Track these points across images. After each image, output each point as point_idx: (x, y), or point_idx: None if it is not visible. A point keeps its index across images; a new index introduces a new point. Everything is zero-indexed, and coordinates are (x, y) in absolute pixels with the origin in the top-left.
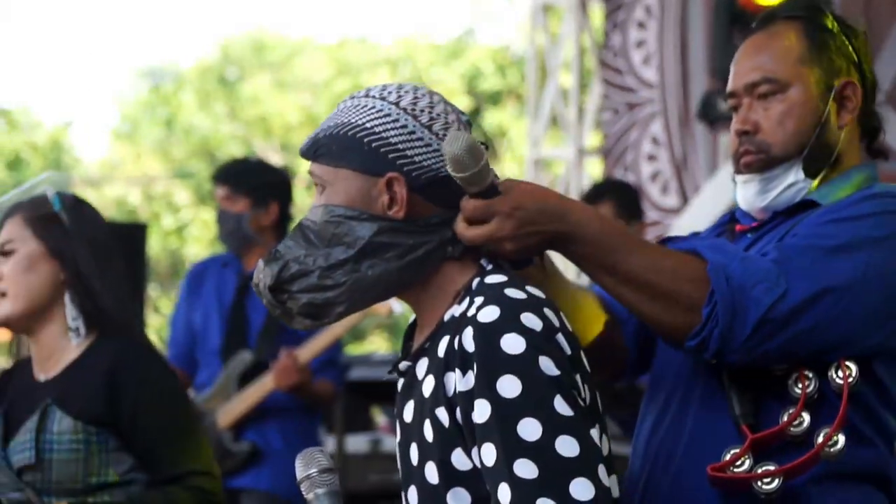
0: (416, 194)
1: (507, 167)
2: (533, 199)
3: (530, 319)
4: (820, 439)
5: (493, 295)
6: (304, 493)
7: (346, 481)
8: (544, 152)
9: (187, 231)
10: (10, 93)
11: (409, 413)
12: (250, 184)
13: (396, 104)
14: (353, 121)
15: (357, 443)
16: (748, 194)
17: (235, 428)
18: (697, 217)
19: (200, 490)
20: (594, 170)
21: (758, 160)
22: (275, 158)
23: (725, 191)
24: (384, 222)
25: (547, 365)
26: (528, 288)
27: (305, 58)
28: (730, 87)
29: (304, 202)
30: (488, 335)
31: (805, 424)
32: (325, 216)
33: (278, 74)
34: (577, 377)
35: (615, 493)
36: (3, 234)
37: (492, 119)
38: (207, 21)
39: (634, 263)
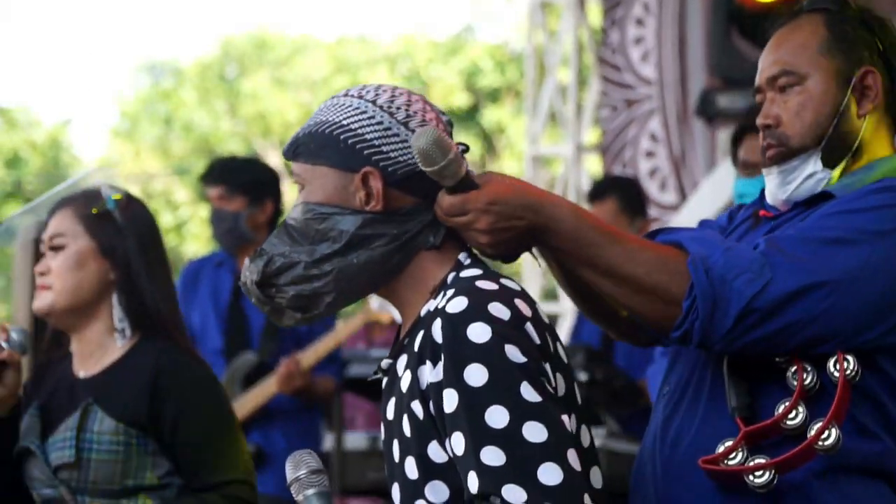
0: (392, 189)
1: (506, 164)
2: (509, 192)
3: (498, 309)
4: (812, 432)
5: (464, 287)
6: (293, 494)
7: (345, 478)
8: (543, 149)
9: (186, 228)
10: (9, 91)
11: (390, 410)
12: (246, 182)
13: (373, 102)
14: (330, 119)
15: (355, 440)
16: (771, 187)
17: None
18: (696, 213)
19: (237, 499)
20: (593, 166)
21: (779, 153)
22: (273, 156)
23: (724, 187)
24: (364, 215)
25: (513, 353)
26: (503, 280)
27: (305, 55)
28: (756, 82)
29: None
30: (455, 325)
31: (800, 417)
32: (305, 213)
33: (278, 72)
34: (547, 366)
35: (596, 483)
36: (52, 226)
37: (490, 116)
38: (207, 19)
39: (613, 257)
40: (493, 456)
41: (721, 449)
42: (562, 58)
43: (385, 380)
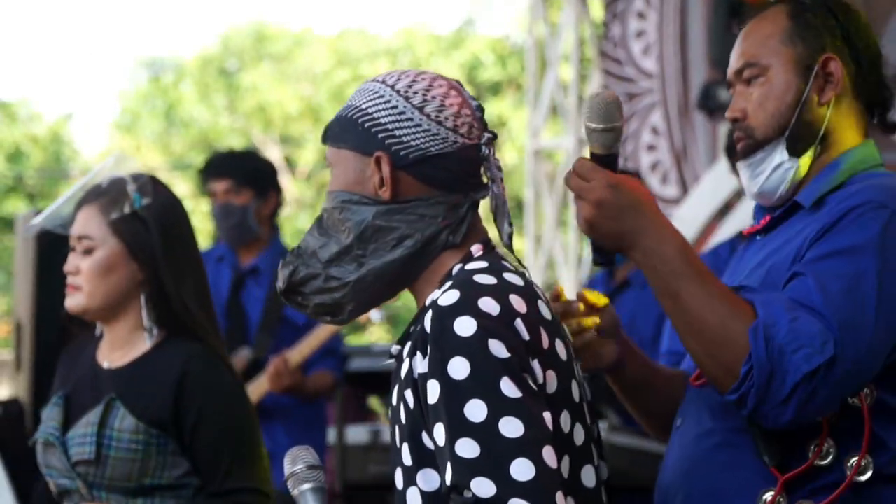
0: (403, 172)
1: (508, 157)
2: (635, 190)
3: (487, 303)
4: (849, 470)
5: (460, 280)
6: (290, 489)
7: (346, 472)
8: (544, 142)
9: None
10: (10, 85)
11: (394, 396)
12: (252, 175)
13: (392, 86)
14: (353, 103)
15: (357, 434)
16: (744, 181)
17: None
18: (697, 207)
19: None
20: None
21: (746, 145)
22: (274, 150)
23: (725, 181)
24: (378, 206)
25: (496, 348)
26: (507, 275)
27: (306, 49)
28: (727, 77)
29: (304, 194)
30: (443, 318)
31: (832, 454)
32: (331, 202)
33: (278, 66)
34: (536, 363)
35: (588, 482)
36: (79, 222)
37: (492, 109)
38: (208, 13)
39: (694, 295)
40: (467, 448)
41: (763, 501)
42: (563, 51)
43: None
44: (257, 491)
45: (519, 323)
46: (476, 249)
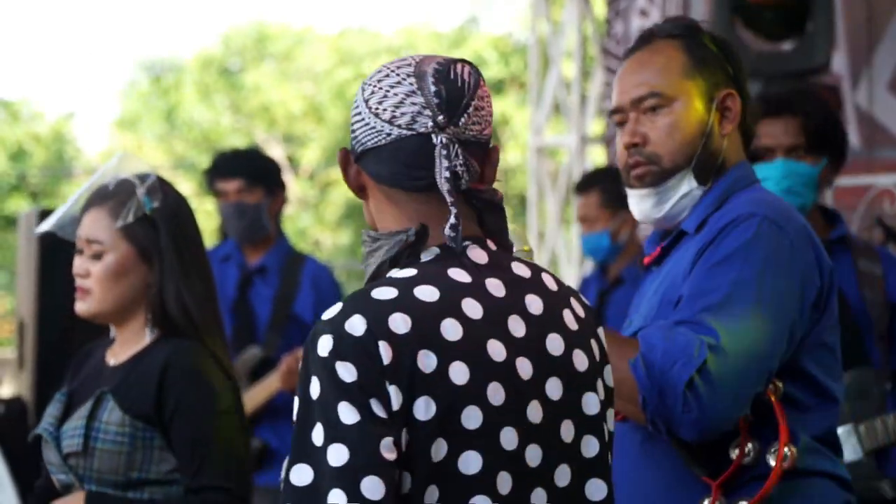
0: (358, 167)
1: (510, 155)
2: None
3: (353, 323)
4: (772, 461)
5: (356, 292)
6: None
7: None
8: (547, 140)
9: None
10: (12, 84)
11: None
12: (262, 173)
13: (366, 81)
14: None
15: None
16: (645, 207)
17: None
18: None
19: None
20: (597, 157)
21: (649, 172)
22: (277, 149)
23: None
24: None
25: (343, 371)
26: (419, 289)
27: (307, 48)
28: (614, 103)
29: (307, 193)
30: (314, 333)
31: (753, 452)
32: None
33: (280, 65)
34: (393, 388)
35: None
36: (87, 225)
37: (495, 107)
38: (209, 12)
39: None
40: (303, 475)
41: None
42: (565, 49)
43: None
44: (229, 491)
45: (383, 345)
46: (427, 254)
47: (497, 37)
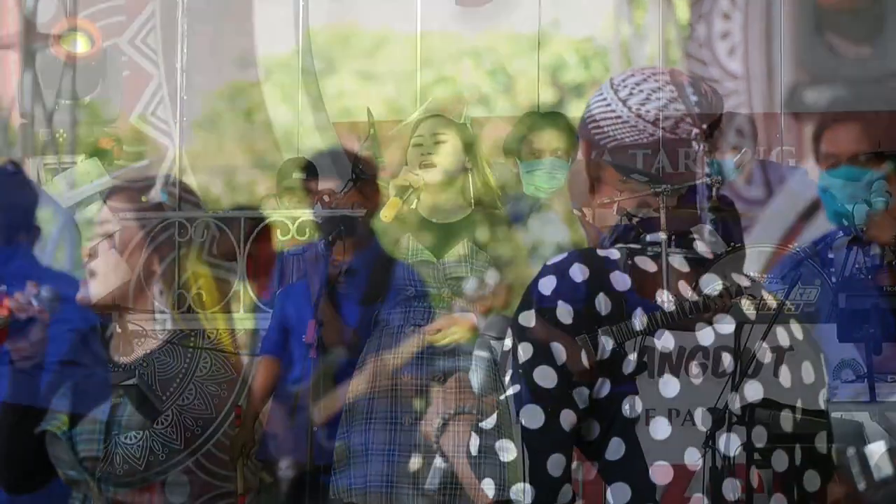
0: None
1: None
2: None
3: None
4: None
5: None
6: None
7: None
8: None
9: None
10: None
11: None
12: (358, 175)
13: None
14: None
15: None
16: None
17: (330, 426)
18: (781, 209)
19: None
20: None
21: None
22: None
23: (808, 184)
24: None
25: None
26: None
27: (388, 49)
28: None
29: (387, 194)
30: None
31: None
32: None
33: (361, 66)
34: None
35: None
36: (106, 209)
37: (575, 110)
38: (289, 13)
39: None
40: None
41: None
42: (648, 52)
43: None
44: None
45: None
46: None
47: (578, 39)
